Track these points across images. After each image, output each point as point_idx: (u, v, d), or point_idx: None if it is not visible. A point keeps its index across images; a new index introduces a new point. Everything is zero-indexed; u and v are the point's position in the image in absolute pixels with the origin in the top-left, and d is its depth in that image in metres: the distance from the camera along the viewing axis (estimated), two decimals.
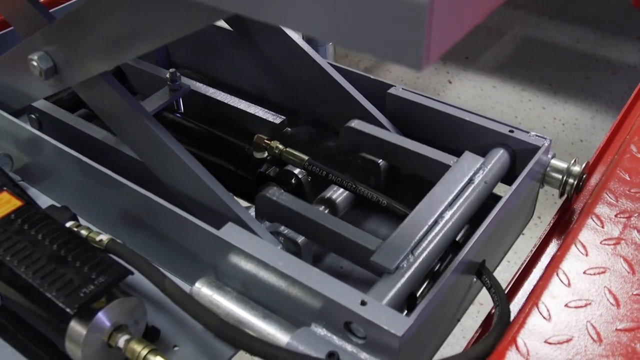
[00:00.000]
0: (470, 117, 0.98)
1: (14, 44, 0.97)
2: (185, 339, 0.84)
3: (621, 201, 0.84)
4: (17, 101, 1.06)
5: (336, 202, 0.97)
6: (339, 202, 0.97)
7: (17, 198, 0.85)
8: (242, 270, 0.80)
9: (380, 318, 0.69)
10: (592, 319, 0.70)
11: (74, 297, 0.72)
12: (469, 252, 0.78)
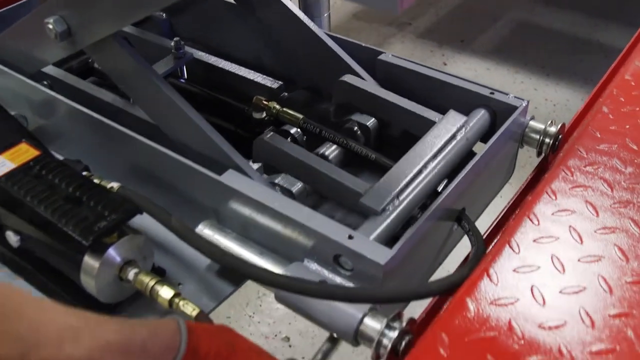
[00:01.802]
0: (454, 80, 1.05)
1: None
2: (188, 277, 0.92)
3: (590, 155, 0.91)
4: (31, 66, 1.13)
5: (329, 157, 1.04)
6: (331, 157, 1.04)
7: (35, 148, 0.93)
8: (241, 212, 0.87)
9: (365, 250, 0.76)
10: (557, 253, 0.77)
11: (88, 230, 0.80)
12: (446, 198, 0.85)
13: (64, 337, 0.56)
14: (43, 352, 0.54)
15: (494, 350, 0.67)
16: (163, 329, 0.64)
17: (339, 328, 0.76)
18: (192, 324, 0.67)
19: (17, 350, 0.53)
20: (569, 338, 0.68)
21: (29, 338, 0.54)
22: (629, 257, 0.76)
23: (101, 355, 0.58)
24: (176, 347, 0.63)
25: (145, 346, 0.61)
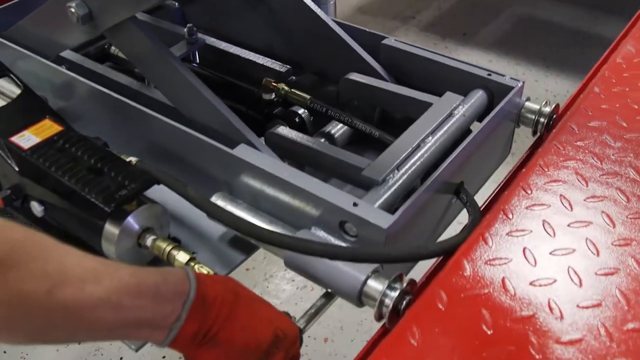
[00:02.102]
0: (453, 62, 1.11)
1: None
2: (202, 247, 0.97)
3: (582, 131, 0.97)
4: (52, 50, 1.19)
5: (335, 136, 1.10)
6: (337, 136, 1.10)
7: (58, 124, 0.99)
8: (251, 184, 0.93)
9: (369, 215, 0.82)
10: (549, 219, 0.82)
11: (110, 198, 0.86)
12: (444, 170, 0.91)
13: (86, 278, 0.61)
14: (67, 290, 0.59)
15: (488, 305, 0.72)
16: (173, 275, 0.70)
17: (343, 289, 0.82)
18: (200, 274, 0.72)
19: (44, 287, 0.58)
20: (558, 294, 0.73)
21: (55, 277, 0.59)
22: (615, 223, 0.82)
23: (118, 296, 0.63)
24: (186, 293, 0.68)
25: (158, 290, 0.67)
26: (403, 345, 0.69)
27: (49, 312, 0.59)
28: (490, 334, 0.69)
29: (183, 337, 0.68)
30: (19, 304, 0.57)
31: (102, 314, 0.62)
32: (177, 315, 0.67)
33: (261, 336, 0.72)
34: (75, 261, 0.62)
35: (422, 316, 0.72)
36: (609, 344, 0.68)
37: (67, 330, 0.62)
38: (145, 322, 0.66)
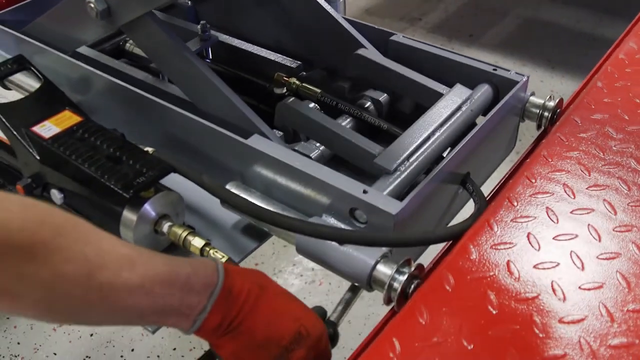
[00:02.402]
0: (460, 58, 1.14)
1: None
2: (215, 235, 1.00)
3: (585, 123, 1.00)
4: (70, 45, 1.23)
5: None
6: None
7: (77, 115, 1.02)
8: (264, 173, 0.96)
9: (378, 202, 0.85)
10: (552, 206, 0.85)
11: (129, 184, 0.89)
12: (451, 161, 0.94)
13: (122, 264, 0.64)
14: (104, 274, 0.62)
15: (493, 287, 0.75)
16: (203, 267, 0.72)
17: (354, 274, 0.85)
18: (229, 266, 0.75)
19: (84, 270, 0.61)
20: (561, 277, 0.76)
21: (94, 260, 0.62)
22: (617, 210, 0.84)
23: (151, 283, 0.66)
24: (214, 284, 0.71)
25: (189, 280, 0.69)
26: (412, 323, 0.72)
27: (86, 294, 0.62)
28: (495, 313, 0.72)
29: (207, 327, 0.71)
30: (61, 285, 0.59)
31: (135, 300, 0.65)
32: (203, 306, 0.70)
33: (283, 331, 0.74)
34: (111, 246, 0.65)
35: (430, 297, 0.75)
36: (610, 324, 0.70)
37: (101, 313, 0.65)
38: (173, 311, 0.69)
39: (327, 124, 1.02)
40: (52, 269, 0.58)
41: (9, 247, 0.55)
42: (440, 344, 0.69)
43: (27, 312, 0.61)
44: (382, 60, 1.14)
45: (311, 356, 0.77)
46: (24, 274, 0.56)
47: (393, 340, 0.70)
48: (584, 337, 0.69)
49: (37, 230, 0.57)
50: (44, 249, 0.57)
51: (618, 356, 0.67)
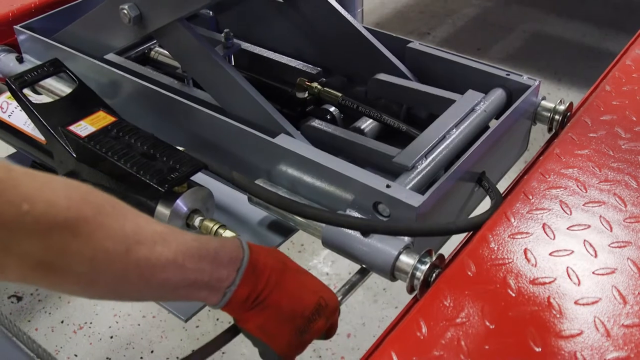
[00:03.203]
0: (474, 63, 1.19)
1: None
2: (242, 230, 1.05)
3: (594, 123, 1.05)
4: (100, 51, 1.28)
5: (364, 130, 1.18)
6: (367, 130, 1.18)
7: (111, 115, 1.07)
8: (290, 171, 1.01)
9: (401, 195, 0.90)
10: (565, 200, 0.90)
11: (163, 179, 0.94)
12: (467, 160, 0.98)
13: (156, 240, 0.68)
14: (141, 249, 0.66)
15: (512, 273, 0.80)
16: (229, 243, 0.77)
17: (378, 264, 0.89)
18: (252, 244, 0.79)
19: (123, 246, 0.64)
20: (575, 263, 0.81)
21: (132, 237, 0.65)
22: (626, 203, 0.89)
23: (183, 257, 0.70)
24: (240, 259, 0.76)
25: (217, 254, 0.74)
26: (437, 305, 0.76)
27: (125, 269, 0.65)
28: (514, 296, 0.77)
29: (235, 300, 0.75)
30: (102, 260, 0.63)
31: (169, 274, 0.69)
32: (232, 280, 0.74)
33: (306, 303, 0.79)
34: (147, 224, 0.69)
35: (453, 281, 0.79)
36: (623, 306, 0.75)
37: (139, 287, 0.69)
38: (204, 284, 0.73)
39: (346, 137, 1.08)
40: (94, 244, 0.62)
41: (55, 224, 0.58)
42: (464, 324, 0.73)
43: (70, 287, 0.64)
44: (398, 81, 1.19)
45: (329, 325, 0.82)
46: (69, 250, 0.60)
47: (420, 321, 0.74)
48: (599, 317, 0.73)
49: (81, 209, 0.61)
50: (86, 226, 0.61)
51: (630, 334, 0.71)
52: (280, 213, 1.00)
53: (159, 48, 1.46)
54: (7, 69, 1.39)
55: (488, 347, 0.71)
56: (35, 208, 0.57)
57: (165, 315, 1.84)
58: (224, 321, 1.77)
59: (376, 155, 1.05)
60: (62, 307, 1.89)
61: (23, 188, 0.57)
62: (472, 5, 3.46)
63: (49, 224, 0.58)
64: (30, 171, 0.59)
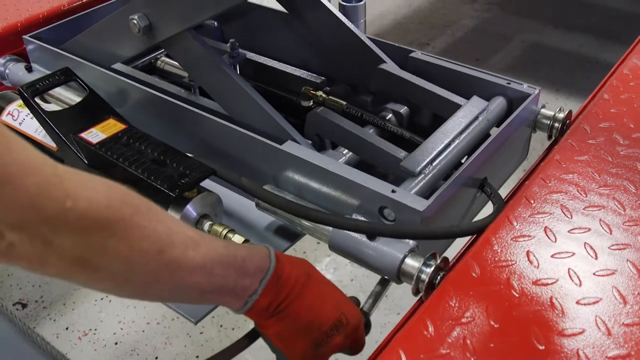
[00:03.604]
0: (476, 72, 1.22)
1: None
2: (250, 235, 1.06)
3: (593, 130, 1.07)
4: (107, 60, 1.31)
5: None
6: None
7: (121, 122, 1.10)
8: (297, 176, 1.03)
9: (406, 199, 0.92)
10: (565, 204, 0.92)
11: (174, 185, 0.96)
12: (469, 166, 1.01)
13: (188, 244, 0.70)
14: (174, 251, 0.68)
15: (515, 274, 0.82)
16: (257, 252, 0.79)
17: (384, 268, 0.92)
18: (279, 254, 0.81)
19: (157, 247, 0.66)
20: (576, 264, 0.83)
21: (165, 239, 0.67)
22: (625, 207, 0.92)
23: (212, 264, 0.72)
24: (266, 269, 0.77)
25: (244, 263, 0.76)
26: (443, 306, 0.78)
27: (157, 270, 0.67)
28: (518, 297, 0.79)
29: (257, 308, 0.77)
30: (137, 259, 0.65)
31: (198, 278, 0.71)
32: (255, 289, 0.76)
33: (325, 318, 0.80)
34: (179, 227, 0.71)
35: (458, 282, 0.82)
36: (623, 306, 0.77)
37: (168, 288, 0.71)
38: (229, 291, 0.75)
39: (354, 131, 1.09)
40: (131, 244, 0.64)
41: (95, 222, 0.61)
42: (469, 323, 0.76)
43: (105, 284, 0.66)
44: (404, 74, 1.21)
45: (348, 343, 0.83)
46: (107, 248, 0.62)
47: (426, 320, 0.77)
48: (600, 317, 0.76)
49: (119, 209, 0.63)
50: (124, 226, 0.63)
51: (631, 333, 0.74)
52: (287, 218, 1.02)
53: (165, 58, 1.49)
54: (16, 78, 1.42)
55: (493, 346, 0.73)
56: (77, 205, 0.58)
57: (169, 321, 1.86)
58: (227, 328, 1.78)
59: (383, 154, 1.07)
60: (67, 313, 1.90)
61: (67, 185, 0.59)
62: (470, 17, 3.50)
63: (89, 222, 0.60)
64: (73, 169, 0.61)
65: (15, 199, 0.55)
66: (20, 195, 0.55)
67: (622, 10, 3.49)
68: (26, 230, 0.57)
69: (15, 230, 0.56)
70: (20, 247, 0.57)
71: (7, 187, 0.54)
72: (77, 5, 1.60)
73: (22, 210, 0.55)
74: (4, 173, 0.54)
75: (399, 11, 3.57)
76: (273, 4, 1.38)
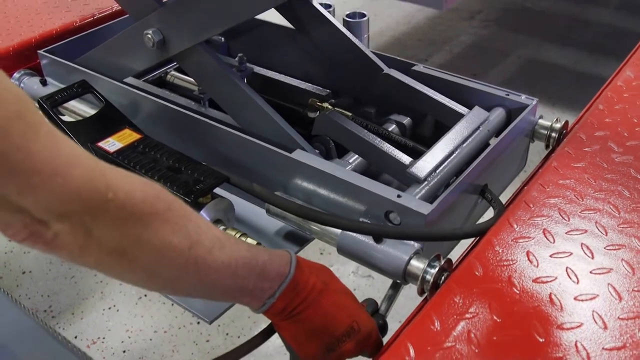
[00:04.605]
0: (476, 85, 1.27)
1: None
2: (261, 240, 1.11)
3: (589, 139, 1.12)
4: (120, 74, 1.36)
5: None
6: None
7: (137, 132, 1.14)
8: (306, 183, 1.08)
9: (411, 204, 0.97)
10: (563, 208, 0.97)
11: (189, 190, 1.01)
12: (470, 174, 1.05)
13: (214, 244, 0.74)
14: (201, 249, 0.72)
15: (515, 273, 0.87)
16: (279, 258, 0.82)
17: (390, 269, 0.96)
18: (300, 260, 0.84)
19: (186, 243, 0.70)
20: (574, 263, 0.88)
21: (193, 236, 0.71)
22: (620, 210, 0.96)
23: (236, 265, 0.76)
24: (285, 275, 0.81)
25: (265, 268, 0.79)
26: (448, 302, 0.83)
27: (185, 265, 0.71)
28: (518, 293, 0.83)
29: (273, 310, 0.81)
30: (167, 252, 0.68)
31: (221, 277, 0.75)
32: (272, 293, 0.80)
33: (338, 324, 0.84)
34: (207, 227, 0.75)
35: (462, 280, 0.86)
36: (619, 301, 0.82)
37: (193, 283, 0.74)
38: (249, 292, 0.79)
39: (362, 134, 1.14)
40: (163, 237, 0.67)
41: (132, 214, 0.64)
42: (473, 318, 0.80)
43: (137, 275, 0.70)
44: (408, 81, 1.26)
45: (359, 349, 0.87)
46: (141, 239, 0.66)
47: (432, 316, 0.81)
48: (597, 311, 0.80)
49: (154, 203, 0.66)
50: (157, 220, 0.67)
51: (626, 326, 0.78)
52: (296, 222, 1.06)
53: (175, 72, 1.54)
54: (31, 92, 1.46)
55: (496, 338, 0.78)
56: (117, 197, 0.62)
57: (176, 330, 1.89)
58: (233, 336, 1.82)
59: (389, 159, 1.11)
60: (75, 322, 1.94)
61: (108, 177, 0.62)
62: (468, 33, 3.56)
63: (127, 213, 0.64)
64: (110, 165, 0.64)
65: (64, 189, 0.58)
66: (69, 185, 0.58)
67: (617, 26, 3.56)
68: (70, 219, 0.60)
69: (61, 220, 0.60)
70: (63, 237, 0.61)
71: (57, 177, 0.57)
72: (88, 22, 1.65)
73: (70, 200, 0.59)
74: (54, 165, 0.57)
75: (398, 28, 3.64)
76: (279, 20, 1.43)
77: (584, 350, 0.76)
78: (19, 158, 0.55)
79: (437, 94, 1.24)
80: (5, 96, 0.54)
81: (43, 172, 0.57)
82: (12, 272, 2.11)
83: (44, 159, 0.56)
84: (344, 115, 1.27)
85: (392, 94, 1.29)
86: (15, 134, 0.54)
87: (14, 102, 0.55)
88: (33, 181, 0.56)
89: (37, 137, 0.56)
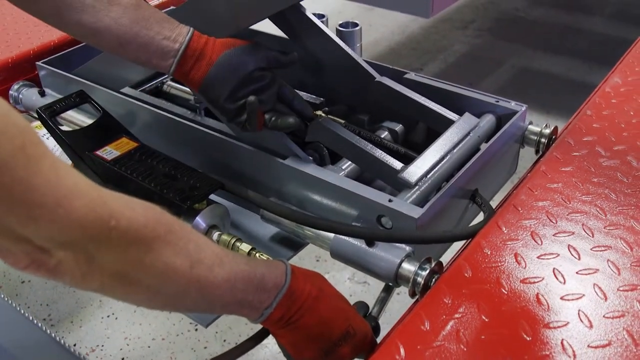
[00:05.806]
0: (466, 92, 1.29)
1: None
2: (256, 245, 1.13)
3: (577, 144, 1.15)
4: (119, 84, 1.38)
5: None
6: None
7: (134, 141, 1.16)
8: (299, 189, 1.10)
9: (402, 208, 0.99)
10: (551, 210, 0.99)
11: (185, 197, 1.03)
12: (460, 178, 1.08)
13: (214, 261, 0.76)
14: (202, 268, 0.74)
15: (504, 274, 0.89)
16: (275, 268, 0.84)
17: (382, 272, 0.98)
18: (295, 269, 0.87)
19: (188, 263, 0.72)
20: (561, 264, 0.90)
21: (195, 256, 0.73)
22: (607, 213, 0.99)
23: (235, 279, 0.78)
24: (281, 285, 0.83)
25: (263, 280, 0.81)
26: (438, 303, 0.85)
27: (187, 284, 0.73)
28: (507, 294, 0.85)
29: (271, 319, 0.83)
30: (170, 274, 0.71)
31: (222, 293, 0.77)
32: (269, 303, 0.82)
33: (334, 329, 0.86)
34: (206, 245, 0.77)
35: (452, 281, 0.88)
36: (604, 301, 0.84)
37: (195, 301, 0.76)
38: (248, 304, 0.81)
39: (354, 141, 1.16)
40: (165, 260, 0.69)
41: (135, 239, 0.66)
42: (462, 318, 0.82)
43: (140, 297, 0.72)
44: (400, 89, 1.28)
45: (356, 351, 0.89)
46: (144, 263, 0.67)
47: (422, 316, 0.83)
48: (582, 311, 0.82)
49: (155, 227, 0.68)
50: (159, 243, 0.68)
51: (611, 325, 0.80)
52: (290, 227, 1.08)
53: (171, 82, 1.56)
54: (30, 103, 1.49)
55: (484, 337, 0.80)
56: (120, 224, 0.63)
57: (174, 337, 1.91)
58: (230, 342, 1.84)
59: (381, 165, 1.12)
60: (74, 331, 1.95)
61: (110, 205, 0.63)
62: (462, 43, 3.60)
63: (129, 239, 0.65)
64: (112, 192, 0.66)
65: (66, 221, 0.59)
66: (71, 216, 0.59)
67: (609, 35, 3.60)
68: (73, 248, 0.62)
69: (63, 248, 0.61)
70: (66, 264, 0.62)
71: (59, 209, 0.58)
72: None
73: (72, 230, 0.60)
74: (56, 198, 0.58)
75: (393, 37, 3.68)
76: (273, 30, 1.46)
77: (570, 348, 0.78)
78: (20, 191, 0.56)
79: (428, 101, 1.26)
80: (9, 130, 0.55)
81: (45, 205, 0.58)
82: (12, 282, 2.13)
83: (45, 192, 0.57)
84: (337, 123, 1.29)
85: (384, 101, 1.31)
86: (17, 167, 0.55)
87: (17, 135, 0.55)
88: (35, 213, 0.57)
89: (39, 170, 0.57)
